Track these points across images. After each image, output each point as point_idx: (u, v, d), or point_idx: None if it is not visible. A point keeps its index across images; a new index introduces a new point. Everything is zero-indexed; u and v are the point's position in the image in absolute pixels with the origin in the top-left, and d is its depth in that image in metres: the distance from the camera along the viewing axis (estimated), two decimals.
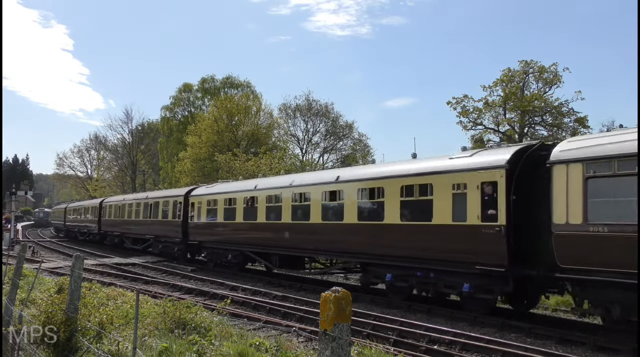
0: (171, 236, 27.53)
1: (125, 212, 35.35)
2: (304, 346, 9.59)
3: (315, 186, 17.75)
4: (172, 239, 27.54)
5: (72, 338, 7.02)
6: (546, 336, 10.86)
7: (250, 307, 14.17)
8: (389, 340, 10.40)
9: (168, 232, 27.97)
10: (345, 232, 16.10)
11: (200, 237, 24.81)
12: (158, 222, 29.44)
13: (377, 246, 15.06)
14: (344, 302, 2.93)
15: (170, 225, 27.51)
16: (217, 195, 23.68)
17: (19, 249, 10.22)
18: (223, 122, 48.45)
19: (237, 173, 36.75)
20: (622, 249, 9.51)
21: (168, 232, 27.97)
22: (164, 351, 7.36)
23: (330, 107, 56.32)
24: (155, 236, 29.75)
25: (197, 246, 25.37)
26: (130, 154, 77.06)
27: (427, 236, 13.56)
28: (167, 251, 28.39)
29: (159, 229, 29.28)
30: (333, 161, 56.27)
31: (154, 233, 29.95)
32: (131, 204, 34.61)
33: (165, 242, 28.67)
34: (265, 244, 20.01)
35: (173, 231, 27.13)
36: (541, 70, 42.30)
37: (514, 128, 43.42)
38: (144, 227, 31.71)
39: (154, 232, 29.99)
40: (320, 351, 2.95)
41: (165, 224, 28.34)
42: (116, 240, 38.03)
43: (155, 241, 29.98)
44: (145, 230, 31.40)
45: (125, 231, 35.59)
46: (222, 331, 9.10)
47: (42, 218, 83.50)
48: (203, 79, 62.87)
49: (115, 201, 39.31)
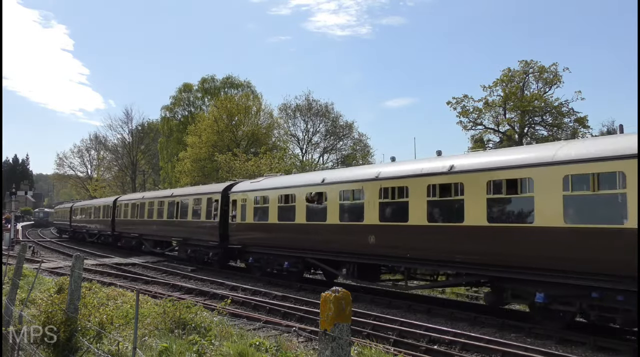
0: (204, 239, 24.05)
1: (144, 212, 31.82)
2: (304, 346, 9.59)
3: (417, 179, 13.74)
4: (205, 243, 24.00)
5: (72, 338, 7.02)
6: (546, 336, 10.85)
7: (250, 307, 14.17)
8: (389, 340, 10.40)
9: (200, 235, 24.42)
10: (467, 237, 12.29)
11: (245, 241, 21.23)
12: (187, 223, 25.85)
13: (520, 256, 11.19)
14: (344, 302, 2.93)
15: (204, 226, 24.01)
16: (268, 191, 19.98)
17: (19, 249, 10.22)
18: (223, 122, 48.48)
19: (237, 173, 36.78)
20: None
21: (200, 235, 24.42)
22: (164, 351, 7.36)
23: (330, 107, 56.43)
24: (183, 239, 26.28)
25: (240, 251, 21.80)
26: (130, 154, 77.11)
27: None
28: (199, 255, 24.99)
29: (189, 231, 25.69)
30: (333, 161, 56.35)
31: (182, 235, 26.45)
32: (152, 203, 31.04)
33: (196, 245, 25.15)
34: (338, 250, 16.38)
35: (207, 233, 23.65)
36: (541, 70, 42.36)
37: (514, 128, 43.46)
38: (168, 228, 28.12)
39: (182, 235, 26.47)
40: (320, 351, 2.94)
41: (198, 225, 24.71)
42: (133, 242, 34.22)
43: (182, 245, 26.54)
44: (170, 232, 27.83)
45: (145, 233, 31.88)
46: (222, 331, 9.10)
47: (42, 218, 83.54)
48: (203, 79, 62.97)
49: (132, 199, 35.64)
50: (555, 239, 10.53)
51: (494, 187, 11.87)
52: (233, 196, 22.40)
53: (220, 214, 22.77)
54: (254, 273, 20.96)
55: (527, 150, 12.64)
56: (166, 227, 28.44)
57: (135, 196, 37.73)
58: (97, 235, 42.31)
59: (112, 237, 38.20)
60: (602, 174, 9.94)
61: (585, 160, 10.22)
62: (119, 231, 36.55)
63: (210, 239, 23.45)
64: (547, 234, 10.68)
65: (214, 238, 23.00)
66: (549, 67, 41.96)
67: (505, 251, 11.52)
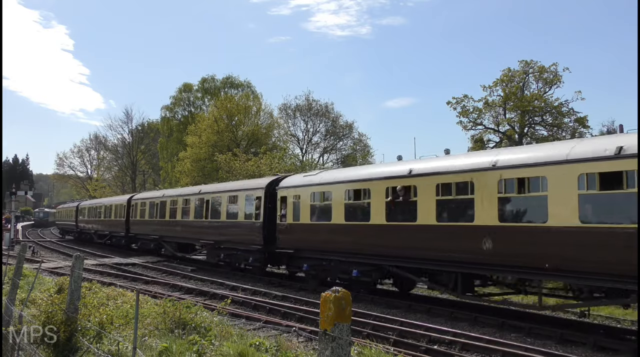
0: (244, 242, 20.91)
1: (165, 211, 28.69)
2: (304, 346, 9.59)
3: (561, 167, 10.68)
4: (246, 246, 20.87)
5: (72, 338, 7.03)
6: (546, 336, 10.86)
7: (250, 307, 14.17)
8: (389, 340, 10.40)
9: (238, 237, 21.36)
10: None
11: (298, 244, 18.15)
12: (221, 224, 22.83)
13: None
14: (344, 302, 2.93)
15: (243, 227, 21.06)
16: (331, 186, 16.92)
17: (19, 249, 10.22)
18: (223, 122, 48.48)
19: (237, 173, 36.78)
20: None
21: (238, 237, 21.36)
22: (164, 351, 7.36)
23: (330, 107, 56.46)
24: (215, 242, 23.24)
25: (292, 257, 18.72)
26: (130, 154, 77.13)
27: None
28: (234, 261, 22.34)
29: (222, 233, 22.65)
30: (333, 161, 56.39)
31: (213, 238, 23.39)
32: (175, 201, 27.87)
33: (232, 249, 22.08)
34: (434, 257, 13.31)
35: (247, 235, 20.63)
36: (541, 71, 42.35)
37: (514, 128, 43.45)
38: (195, 229, 25.18)
39: (213, 237, 23.39)
40: (320, 351, 2.94)
41: (234, 227, 21.73)
42: (151, 245, 30.92)
43: (213, 248, 23.53)
44: (198, 233, 24.81)
45: (166, 235, 28.70)
46: (222, 331, 9.10)
47: (42, 218, 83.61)
48: (203, 79, 62.98)
49: (151, 197, 32.31)
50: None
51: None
52: (282, 192, 19.17)
53: (264, 213, 19.79)
54: (308, 283, 18.02)
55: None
56: (193, 229, 25.48)
57: (153, 193, 34.24)
58: (108, 236, 39.07)
59: (126, 239, 35.24)
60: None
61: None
62: (135, 232, 33.46)
63: (250, 241, 20.37)
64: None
65: (256, 241, 19.98)
66: (549, 67, 41.96)
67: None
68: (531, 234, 11.16)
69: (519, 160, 11.71)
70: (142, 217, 32.24)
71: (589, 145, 10.70)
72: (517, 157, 11.92)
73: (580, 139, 12.62)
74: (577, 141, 11.58)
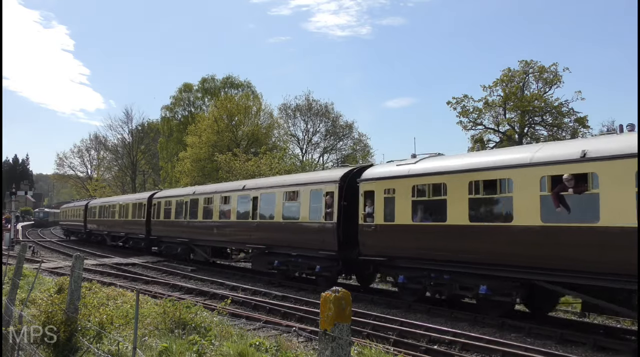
0: (309, 247, 17.50)
1: (198, 211, 24.70)
2: (304, 346, 9.59)
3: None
4: (311, 252, 17.34)
5: (72, 338, 7.03)
6: (546, 336, 10.86)
7: (250, 307, 14.17)
8: (389, 340, 10.40)
9: (301, 241, 17.86)
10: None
11: (392, 251, 14.52)
12: (274, 225, 19.07)
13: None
14: (344, 302, 2.93)
15: (308, 229, 17.35)
16: (445, 176, 13.22)
17: (19, 249, 10.22)
18: (223, 122, 48.50)
19: (237, 173, 36.79)
20: None
21: (301, 241, 17.86)
22: (164, 351, 7.37)
23: (330, 107, 56.52)
24: (266, 246, 19.43)
25: (379, 265, 15.40)
26: (130, 154, 77.17)
27: None
28: (293, 269, 18.65)
29: (277, 236, 18.99)
30: (333, 161, 56.40)
31: (264, 242, 19.58)
32: (209, 199, 23.98)
33: (290, 255, 18.37)
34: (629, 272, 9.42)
35: (314, 239, 17.10)
36: (541, 70, 42.38)
37: (514, 128, 43.47)
38: (238, 232, 21.27)
39: (263, 241, 19.61)
40: (320, 351, 2.94)
41: (295, 229, 18.11)
42: (178, 249, 26.89)
43: (262, 254, 19.69)
44: (243, 237, 20.96)
45: (198, 238, 24.85)
46: (222, 331, 9.11)
47: (42, 218, 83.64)
48: (203, 79, 63.04)
49: (178, 195, 27.97)
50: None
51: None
52: (367, 185, 15.41)
53: (338, 211, 16.25)
54: (403, 297, 14.61)
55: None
56: (235, 231, 21.63)
57: (180, 191, 29.71)
58: (124, 238, 35.61)
59: (146, 241, 31.62)
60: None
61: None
62: (157, 234, 29.80)
63: (319, 246, 16.71)
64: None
65: (328, 246, 16.36)
66: (549, 67, 41.99)
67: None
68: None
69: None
70: (166, 217, 28.34)
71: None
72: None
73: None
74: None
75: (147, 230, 30.93)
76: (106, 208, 40.08)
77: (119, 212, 36.54)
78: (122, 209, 35.92)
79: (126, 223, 34.78)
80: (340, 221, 16.22)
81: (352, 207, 15.92)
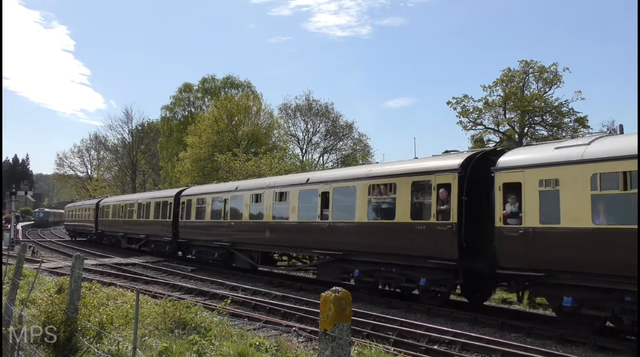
0: (409, 253, 13.98)
1: (264, 209, 19.98)
2: (304, 346, 9.59)
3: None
4: (412, 260, 13.92)
5: (72, 338, 7.03)
6: (546, 336, 10.86)
7: (250, 307, 14.16)
8: (389, 340, 10.40)
9: (393, 246, 14.36)
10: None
11: (552, 263, 10.84)
12: (353, 226, 15.76)
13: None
14: (344, 302, 2.93)
15: (410, 231, 13.83)
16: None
17: (19, 249, 10.22)
18: (223, 122, 48.51)
19: (237, 173, 36.77)
20: None
21: (393, 246, 14.36)
22: (164, 351, 7.36)
23: (330, 107, 56.55)
24: (344, 252, 15.99)
25: (538, 283, 11.41)
26: (130, 154, 77.17)
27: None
28: (385, 280, 15.14)
29: (357, 239, 15.63)
30: (333, 161, 56.42)
31: (339, 247, 16.17)
32: (258, 196, 20.47)
33: (376, 263, 15.06)
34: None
35: (420, 244, 13.66)
36: (541, 70, 42.37)
37: (514, 128, 43.46)
38: (302, 234, 17.78)
39: (339, 245, 16.15)
40: (320, 351, 2.94)
41: (387, 230, 14.68)
42: (215, 255, 23.47)
43: (337, 261, 16.50)
44: (309, 240, 17.42)
45: (244, 241, 21.33)
46: (222, 331, 9.10)
47: (42, 218, 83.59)
48: (203, 79, 63.06)
49: (215, 191, 24.44)
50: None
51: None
52: (506, 175, 11.81)
53: (458, 209, 12.59)
54: (575, 329, 10.79)
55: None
56: (293, 234, 18.19)
57: (215, 187, 25.67)
58: (143, 241, 32.00)
59: (172, 245, 27.74)
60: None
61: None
62: (187, 237, 26.02)
63: (430, 254, 13.17)
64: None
65: (444, 254, 12.84)
66: (549, 67, 41.98)
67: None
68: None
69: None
70: (200, 217, 24.69)
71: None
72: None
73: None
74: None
75: (174, 232, 27.02)
76: (122, 207, 36.10)
77: (138, 211, 32.67)
78: (143, 209, 31.92)
79: (147, 224, 30.97)
80: (461, 222, 12.68)
81: (474, 203, 12.87)
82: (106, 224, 39.47)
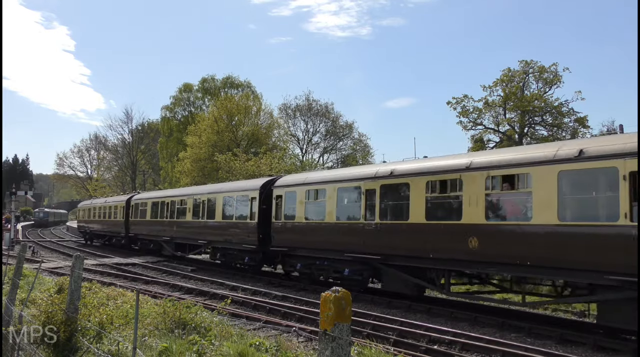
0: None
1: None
2: (304, 346, 9.59)
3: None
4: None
5: (72, 338, 7.02)
6: (546, 336, 10.86)
7: (250, 307, 14.16)
8: (389, 340, 10.39)
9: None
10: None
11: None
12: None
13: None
14: (344, 302, 2.93)
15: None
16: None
17: (19, 249, 10.22)
18: (223, 122, 48.47)
19: (237, 173, 36.75)
20: None
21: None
22: (164, 351, 7.36)
23: (330, 107, 56.58)
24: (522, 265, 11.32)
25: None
26: (130, 154, 77.20)
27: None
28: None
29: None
30: (333, 161, 56.42)
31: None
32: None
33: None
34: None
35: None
36: (541, 70, 42.39)
37: (514, 128, 43.48)
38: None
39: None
40: (320, 351, 2.94)
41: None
42: (364, 274, 15.95)
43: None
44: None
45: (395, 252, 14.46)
46: (222, 331, 9.10)
47: (42, 218, 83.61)
48: (203, 79, 63.00)
49: (327, 180, 17.39)
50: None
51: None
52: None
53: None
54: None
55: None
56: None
57: (328, 174, 18.82)
58: (203, 247, 25.29)
59: (254, 254, 20.81)
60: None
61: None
62: (283, 244, 18.83)
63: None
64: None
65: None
66: (549, 67, 42.00)
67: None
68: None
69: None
70: (307, 217, 17.82)
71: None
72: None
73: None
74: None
75: (260, 237, 19.97)
76: (167, 205, 28.60)
77: (194, 209, 25.55)
78: (201, 205, 24.91)
79: (208, 227, 24.13)
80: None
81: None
82: (140, 225, 32.29)
